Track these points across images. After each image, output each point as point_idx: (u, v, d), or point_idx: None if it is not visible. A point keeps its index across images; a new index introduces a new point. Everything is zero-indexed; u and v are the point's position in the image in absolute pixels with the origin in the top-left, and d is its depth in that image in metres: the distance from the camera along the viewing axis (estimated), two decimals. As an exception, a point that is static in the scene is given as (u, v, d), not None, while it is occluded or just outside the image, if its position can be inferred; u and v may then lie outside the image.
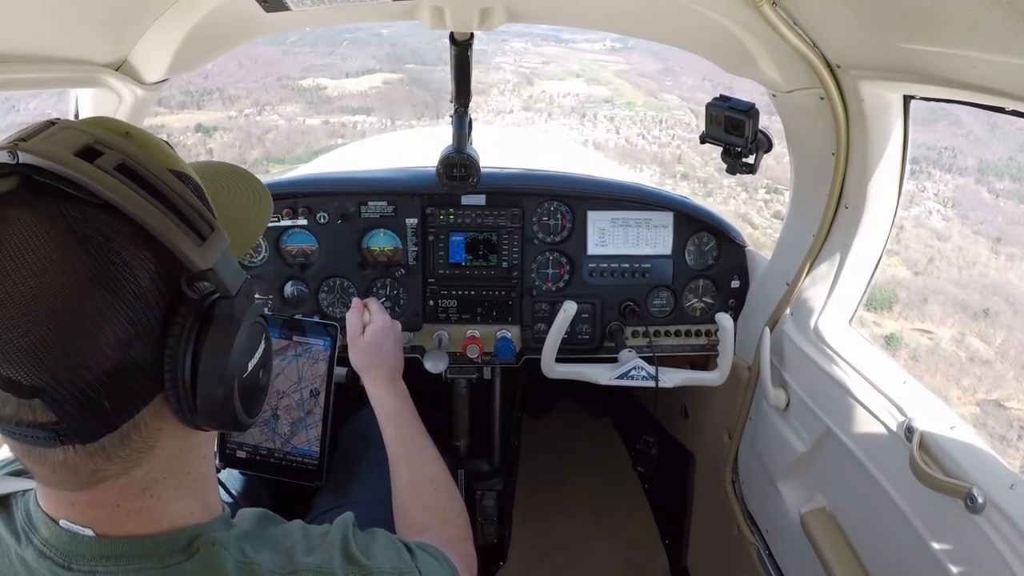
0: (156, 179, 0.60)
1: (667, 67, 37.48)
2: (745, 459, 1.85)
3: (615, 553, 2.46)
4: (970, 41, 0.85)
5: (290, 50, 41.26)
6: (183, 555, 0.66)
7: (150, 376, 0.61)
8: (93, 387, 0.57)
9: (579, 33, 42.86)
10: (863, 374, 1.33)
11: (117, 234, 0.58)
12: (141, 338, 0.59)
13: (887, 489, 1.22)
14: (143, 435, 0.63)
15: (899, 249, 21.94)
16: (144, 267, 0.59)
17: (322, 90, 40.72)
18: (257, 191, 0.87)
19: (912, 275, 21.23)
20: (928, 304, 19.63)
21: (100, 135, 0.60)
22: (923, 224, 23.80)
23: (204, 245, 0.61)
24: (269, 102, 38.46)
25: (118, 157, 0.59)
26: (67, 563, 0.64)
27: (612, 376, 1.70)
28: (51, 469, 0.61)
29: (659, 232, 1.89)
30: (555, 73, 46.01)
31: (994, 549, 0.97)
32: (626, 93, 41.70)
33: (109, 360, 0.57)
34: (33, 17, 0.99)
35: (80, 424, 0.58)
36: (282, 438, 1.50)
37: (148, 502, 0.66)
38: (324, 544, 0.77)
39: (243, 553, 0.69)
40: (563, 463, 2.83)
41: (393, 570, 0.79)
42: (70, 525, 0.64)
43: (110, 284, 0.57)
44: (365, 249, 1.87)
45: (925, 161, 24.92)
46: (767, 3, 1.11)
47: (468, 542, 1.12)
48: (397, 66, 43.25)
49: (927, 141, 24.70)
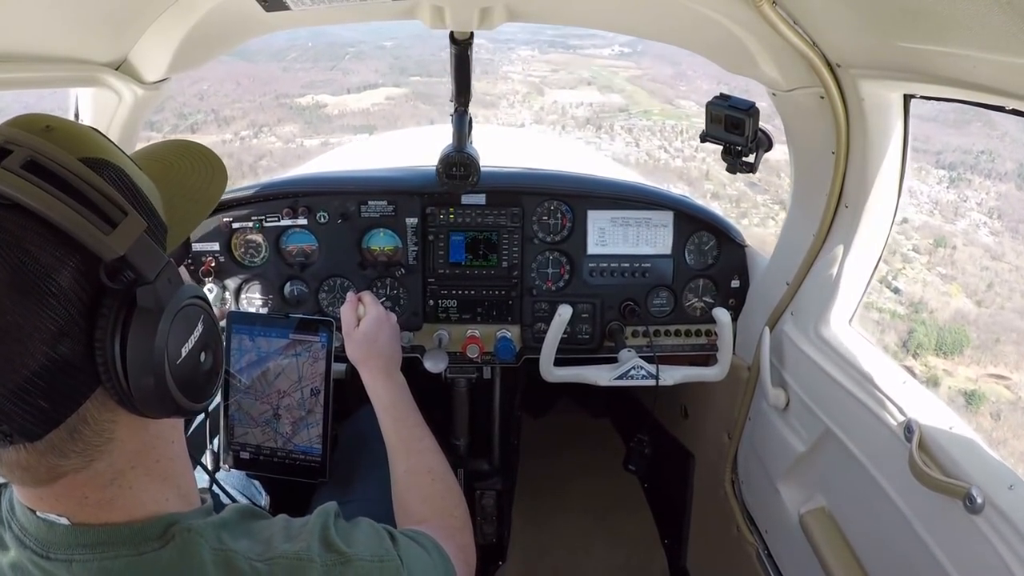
0: (64, 171, 0.59)
1: (680, 71, 35.45)
2: (745, 459, 1.85)
3: (614, 553, 2.46)
4: (970, 40, 0.84)
5: (291, 67, 40.19)
6: (158, 542, 0.66)
7: (84, 370, 0.61)
8: (26, 388, 0.57)
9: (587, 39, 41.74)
10: (863, 374, 1.33)
11: (28, 233, 0.57)
12: (67, 335, 0.59)
13: (886, 489, 1.22)
14: (93, 428, 0.63)
15: (955, 274, 19.91)
16: (61, 264, 0.58)
17: (322, 108, 39.50)
18: (210, 163, 0.86)
19: (975, 305, 18.85)
20: (1000, 344, 16.87)
21: (12, 134, 0.59)
22: (974, 241, 21.52)
23: (114, 232, 0.60)
24: (266, 123, 37.04)
25: (26, 154, 0.58)
26: (45, 552, 0.64)
27: (612, 377, 1.70)
28: (8, 469, 0.62)
29: (659, 231, 1.89)
30: (565, 81, 44.69)
31: (993, 549, 0.97)
32: (641, 100, 40.16)
33: (37, 360, 0.57)
34: (33, 17, 0.99)
35: (20, 424, 0.58)
36: (284, 437, 1.51)
37: (117, 491, 0.67)
38: (303, 532, 0.77)
39: (220, 540, 0.69)
40: (563, 463, 2.83)
41: (373, 557, 0.78)
42: (46, 515, 0.65)
43: (27, 285, 0.56)
44: (365, 249, 1.87)
45: (963, 167, 23.38)
46: (767, 2, 1.11)
47: (467, 533, 1.12)
48: (401, 80, 42.08)
49: (962, 145, 23.36)
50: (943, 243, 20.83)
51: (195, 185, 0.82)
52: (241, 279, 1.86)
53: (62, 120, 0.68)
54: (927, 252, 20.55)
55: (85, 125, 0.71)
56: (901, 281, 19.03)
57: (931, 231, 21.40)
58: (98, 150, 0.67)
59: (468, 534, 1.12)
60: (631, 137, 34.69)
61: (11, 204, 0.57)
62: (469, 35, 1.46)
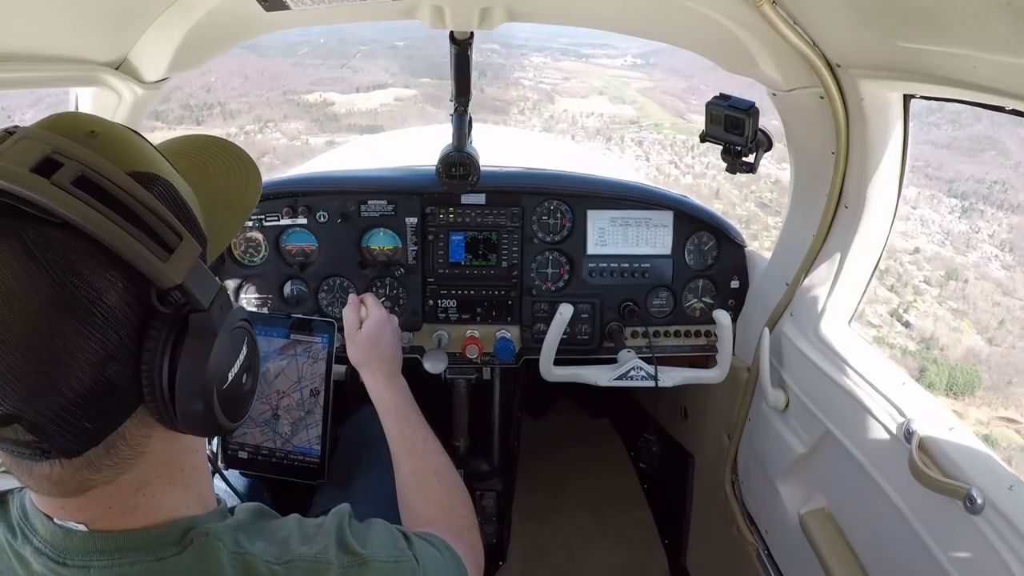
0: (116, 188, 0.57)
1: (692, 85, 34.14)
2: (744, 459, 1.85)
3: (614, 553, 2.45)
4: (970, 40, 0.84)
5: (301, 62, 39.29)
6: (177, 547, 0.66)
7: (129, 391, 0.60)
8: (70, 409, 0.56)
9: (599, 47, 40.97)
10: (863, 375, 1.33)
11: (80, 255, 0.56)
12: (115, 358, 0.58)
13: (886, 490, 1.22)
14: (129, 443, 0.63)
15: (967, 308, 19.25)
16: (111, 287, 0.57)
17: (329, 106, 38.88)
18: (244, 165, 0.83)
19: (986, 343, 18.36)
20: (1012, 386, 16.57)
21: (59, 144, 0.57)
22: (986, 275, 20.82)
23: (171, 259, 0.59)
24: (272, 118, 36.52)
25: (77, 169, 0.56)
26: (62, 559, 0.64)
27: (611, 377, 1.70)
28: (38, 481, 0.61)
29: (659, 232, 1.89)
30: (577, 90, 44.13)
31: (993, 550, 0.97)
32: (652, 113, 39.65)
33: (84, 382, 0.56)
34: (33, 16, 0.99)
35: (62, 443, 0.58)
36: (283, 438, 1.50)
37: (141, 500, 0.66)
38: (320, 534, 0.77)
39: (237, 544, 0.69)
40: (562, 463, 2.82)
41: (389, 558, 0.78)
42: (64, 521, 0.64)
43: (77, 308, 0.55)
44: (365, 248, 1.87)
45: (975, 196, 22.78)
46: (767, 2, 1.11)
47: (474, 532, 1.11)
48: (411, 81, 41.36)
49: (975, 174, 22.75)
50: (954, 276, 20.30)
51: (231, 191, 0.80)
52: (240, 278, 1.86)
53: (104, 123, 0.66)
54: (938, 284, 19.99)
55: (126, 128, 0.69)
56: (912, 315, 18.55)
57: (943, 262, 20.78)
58: (146, 162, 0.66)
59: (475, 533, 1.11)
60: (641, 150, 34.10)
61: (62, 223, 0.55)
62: (469, 35, 1.47)
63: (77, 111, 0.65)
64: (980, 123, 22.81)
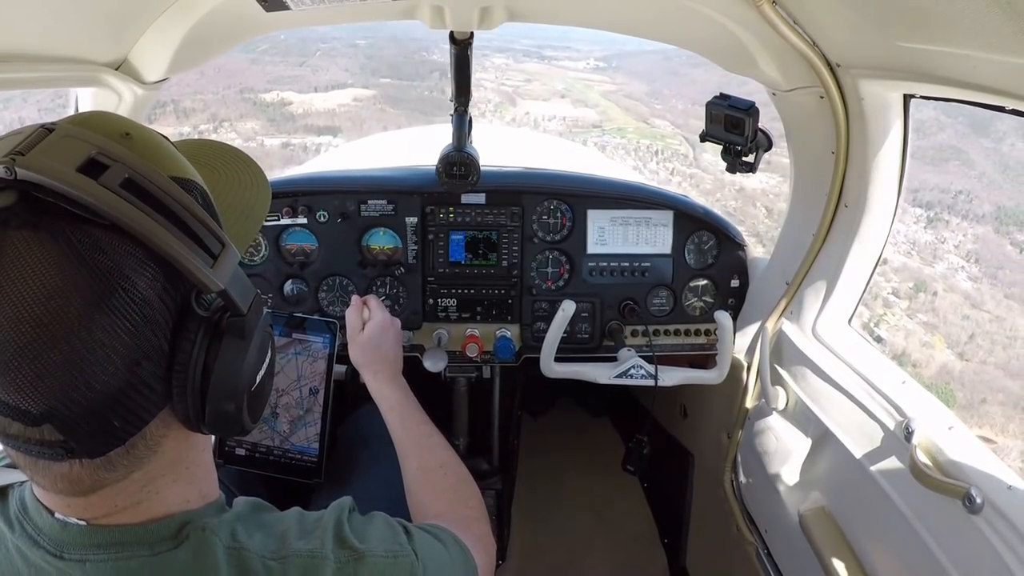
0: (163, 193, 0.58)
1: (654, 89, 33.37)
2: (744, 459, 1.85)
3: (614, 552, 2.46)
4: (970, 40, 0.84)
5: (260, 59, 38.20)
6: (173, 542, 0.66)
7: (158, 391, 0.61)
8: (102, 408, 0.57)
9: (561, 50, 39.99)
10: (862, 374, 1.33)
11: (125, 257, 0.56)
12: (149, 357, 0.59)
13: (886, 489, 1.22)
14: (147, 443, 0.63)
15: (937, 322, 18.89)
16: (152, 287, 0.58)
17: (287, 106, 37.54)
18: (254, 175, 0.84)
19: (958, 358, 17.99)
20: (986, 404, 16.43)
21: (102, 144, 0.56)
22: (954, 288, 20.48)
23: (216, 264, 0.59)
24: (227, 118, 35.09)
25: (123, 171, 0.55)
26: (59, 552, 0.64)
27: (611, 375, 1.70)
28: (53, 480, 0.61)
29: (659, 231, 1.89)
30: (539, 92, 43.27)
31: (992, 549, 0.97)
32: (615, 117, 38.78)
33: (118, 381, 0.57)
34: (33, 16, 0.99)
35: (90, 442, 0.58)
36: (281, 436, 1.50)
37: (145, 496, 0.66)
38: (318, 528, 0.77)
39: (233, 538, 0.69)
40: (562, 462, 2.83)
41: (387, 553, 0.78)
42: (65, 516, 0.65)
43: (118, 308, 0.56)
44: (365, 248, 1.87)
45: (940, 206, 22.60)
46: (767, 2, 1.11)
47: (484, 522, 1.11)
48: (371, 81, 40.21)
49: (940, 183, 22.53)
50: (923, 288, 19.94)
51: (244, 198, 0.80)
52: None
53: (135, 125, 0.66)
54: (907, 297, 19.64)
55: (154, 131, 0.70)
56: (884, 329, 18.09)
57: (910, 274, 20.48)
58: (182, 168, 0.67)
59: (485, 523, 1.11)
60: (604, 156, 33.97)
61: (108, 224, 0.55)
62: (469, 35, 1.47)
63: (109, 111, 0.64)
64: (944, 132, 22.71)
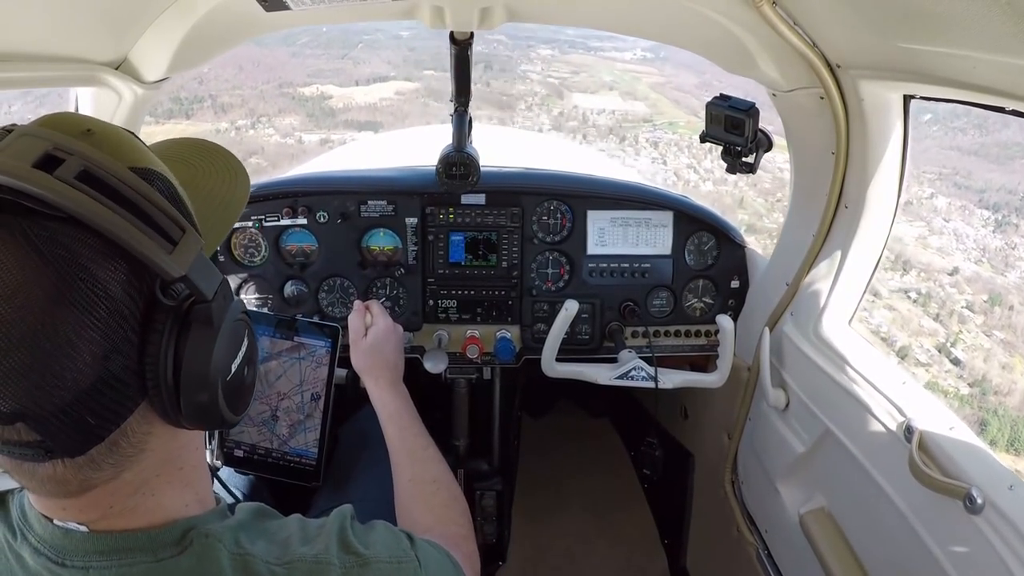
0: (120, 183, 0.57)
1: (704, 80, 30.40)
2: (744, 459, 1.85)
3: (614, 553, 2.46)
4: (970, 41, 0.84)
5: (300, 52, 37.30)
6: (176, 548, 0.66)
7: (132, 386, 0.60)
8: (74, 405, 0.56)
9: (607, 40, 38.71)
10: (862, 374, 1.33)
11: (84, 248, 0.56)
12: (119, 351, 0.58)
13: (886, 489, 1.22)
14: (131, 441, 0.63)
15: (1015, 340, 16.45)
16: (115, 279, 0.57)
17: (327, 100, 36.53)
18: (231, 166, 0.84)
19: None
20: None
21: (58, 140, 0.56)
22: None
23: (175, 251, 0.59)
24: (265, 113, 34.28)
25: (79, 164, 0.55)
26: (61, 559, 0.64)
27: (612, 376, 1.70)
28: (40, 482, 0.61)
29: (659, 232, 1.89)
30: (587, 85, 41.38)
31: (993, 550, 0.97)
32: (665, 111, 36.89)
33: (88, 377, 0.56)
34: (33, 16, 0.99)
35: (66, 441, 0.58)
36: (280, 439, 1.50)
37: (141, 499, 0.66)
38: (321, 535, 0.76)
39: (237, 544, 0.69)
40: (562, 463, 2.83)
41: (391, 559, 0.78)
42: (64, 522, 0.64)
43: (81, 302, 0.55)
44: (365, 248, 1.87)
45: (1008, 208, 19.82)
46: (767, 2, 1.11)
47: (471, 541, 1.12)
48: (414, 73, 38.89)
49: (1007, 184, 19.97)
50: (999, 301, 17.78)
51: (220, 191, 0.80)
52: (240, 279, 1.86)
53: (99, 122, 0.66)
54: (982, 311, 17.46)
55: (119, 127, 0.70)
56: (960, 349, 16.19)
57: (983, 284, 18.19)
58: (143, 158, 0.66)
59: (472, 543, 1.12)
60: (657, 152, 31.56)
61: (65, 217, 0.54)
62: (469, 35, 1.46)
63: (74, 111, 0.64)
64: (1009, 128, 21.24)
